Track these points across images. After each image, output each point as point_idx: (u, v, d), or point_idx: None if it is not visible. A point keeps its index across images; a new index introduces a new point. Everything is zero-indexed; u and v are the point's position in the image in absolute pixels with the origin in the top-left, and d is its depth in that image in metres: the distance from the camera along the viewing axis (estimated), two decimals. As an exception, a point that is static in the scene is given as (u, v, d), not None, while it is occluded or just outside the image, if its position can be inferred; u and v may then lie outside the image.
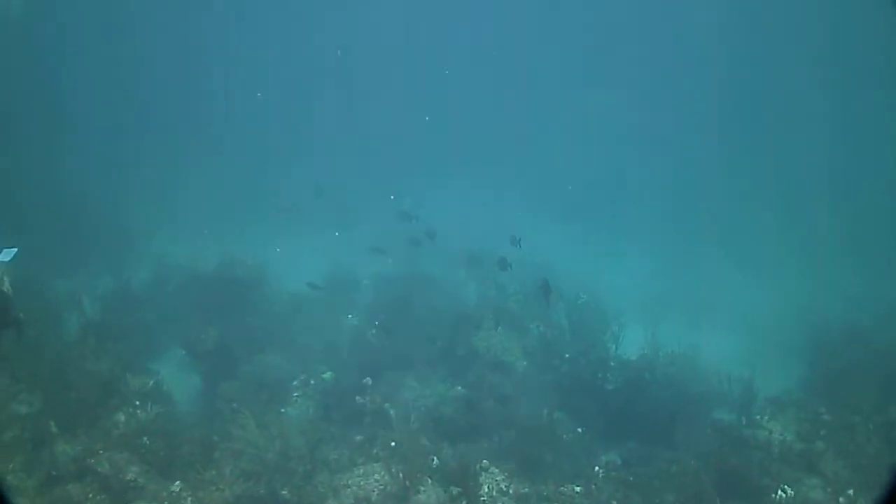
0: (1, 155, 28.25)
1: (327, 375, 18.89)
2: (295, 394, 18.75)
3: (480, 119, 54.02)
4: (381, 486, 13.71)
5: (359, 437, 16.28)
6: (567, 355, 21.06)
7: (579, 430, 17.70)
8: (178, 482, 13.82)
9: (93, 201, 30.99)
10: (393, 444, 14.91)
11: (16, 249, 12.19)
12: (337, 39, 59.23)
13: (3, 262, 11.69)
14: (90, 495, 13.21)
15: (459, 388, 18.85)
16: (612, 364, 19.34)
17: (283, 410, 17.92)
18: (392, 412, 17.20)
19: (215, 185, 37.86)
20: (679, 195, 38.98)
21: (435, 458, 14.89)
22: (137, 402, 15.52)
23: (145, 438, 14.72)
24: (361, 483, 13.85)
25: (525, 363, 21.40)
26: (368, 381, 17.97)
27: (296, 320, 23.72)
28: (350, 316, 24.61)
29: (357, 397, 17.39)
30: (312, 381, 18.95)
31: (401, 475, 13.55)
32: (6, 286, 11.40)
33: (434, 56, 58.96)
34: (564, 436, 17.28)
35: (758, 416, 17.46)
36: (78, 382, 16.10)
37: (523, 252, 21.58)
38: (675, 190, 39.67)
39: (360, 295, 26.90)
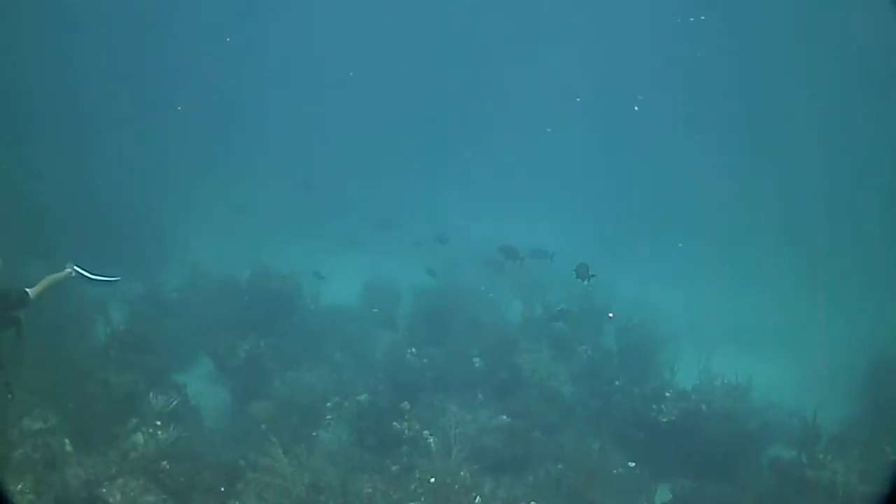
0: (30, 159, 27.59)
1: (362, 397, 17.76)
2: (328, 416, 17.65)
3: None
4: (419, 530, 12.51)
5: (395, 468, 15.13)
6: (617, 382, 19.91)
7: (631, 464, 16.44)
8: (196, 516, 12.73)
9: (128, 205, 30.35)
10: (432, 479, 13.67)
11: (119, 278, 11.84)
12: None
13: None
14: (100, 527, 12.15)
15: (504, 416, 17.61)
16: (668, 395, 18.02)
17: (314, 434, 16.85)
18: (431, 440, 16.00)
19: (254, 194, 37.06)
20: (732, 218, 37.58)
21: (477, 496, 13.68)
22: (158, 423, 14.38)
23: (164, 462, 13.63)
24: (397, 525, 12.66)
25: (572, 389, 20.24)
26: (406, 405, 16.83)
27: (331, 335, 22.69)
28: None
29: (394, 423, 16.22)
30: (346, 403, 17.81)
31: (440, 517, 12.33)
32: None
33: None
34: (615, 470, 16.03)
35: (820, 455, 16.02)
36: (97, 396, 15.18)
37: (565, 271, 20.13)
38: (728, 212, 38.29)
39: (399, 310, 25.82)
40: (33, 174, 25.74)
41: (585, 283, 18.57)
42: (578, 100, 49.03)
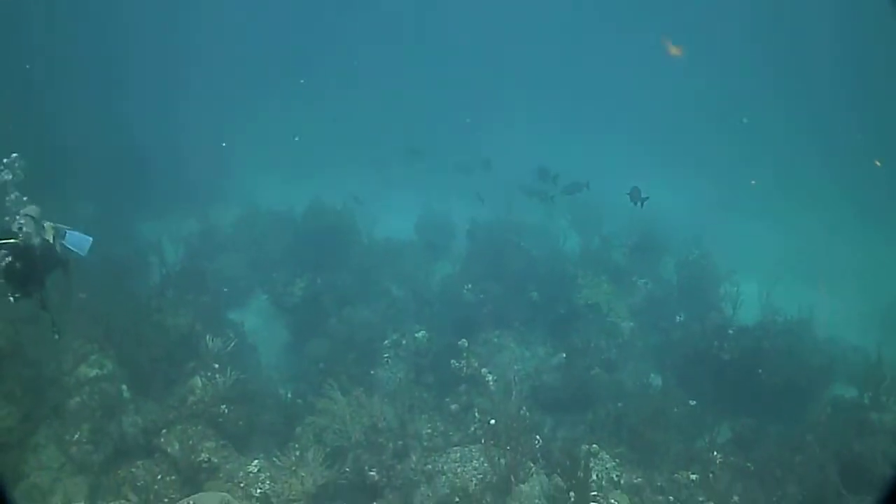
0: (83, 97, 27.50)
1: (420, 335, 17.44)
2: (385, 354, 17.42)
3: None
4: (480, 475, 12.31)
5: (454, 406, 15.02)
6: (678, 318, 19.52)
7: (692, 402, 16.06)
8: (255, 461, 12.61)
9: (183, 141, 30.25)
10: (492, 421, 13.46)
11: (91, 239, 11.47)
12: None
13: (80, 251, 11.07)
14: (159, 476, 12.09)
15: (563, 354, 17.31)
16: (730, 332, 17.58)
17: (372, 372, 16.70)
18: (489, 378, 15.81)
19: (307, 128, 36.82)
20: (795, 147, 36.51)
21: (538, 438, 13.48)
22: (216, 366, 14.27)
23: (223, 406, 13.58)
24: (458, 470, 12.44)
25: (631, 324, 19.85)
26: (464, 342, 16.58)
27: (386, 269, 22.46)
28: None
29: (452, 361, 16.01)
30: (404, 341, 17.56)
31: (502, 462, 12.10)
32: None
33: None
34: (675, 409, 15.69)
35: (883, 397, 15.52)
36: (154, 340, 15.04)
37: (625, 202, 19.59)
38: (792, 141, 37.20)
39: (455, 243, 25.54)
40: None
41: (639, 205, 18.28)
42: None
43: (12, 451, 12.01)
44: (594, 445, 13.34)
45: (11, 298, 9.45)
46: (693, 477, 13.31)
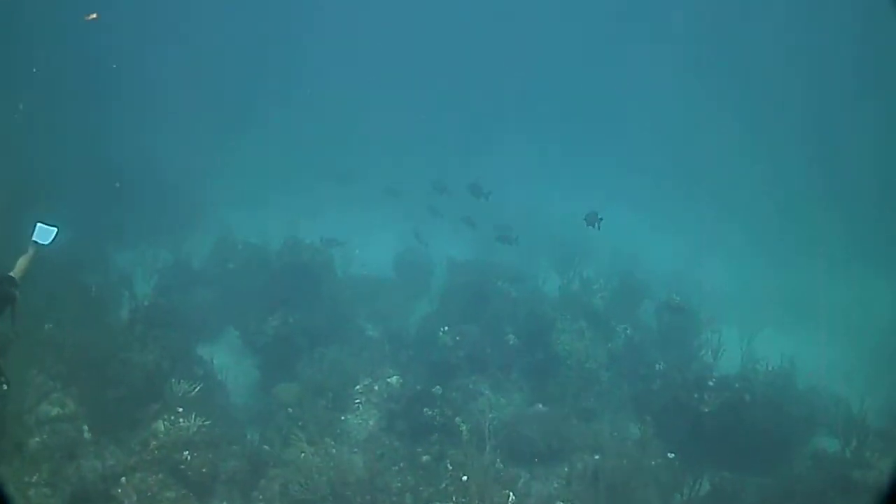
0: (60, 124, 27.04)
1: (393, 380, 17.11)
2: (357, 400, 17.01)
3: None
4: (451, 538, 11.89)
5: (425, 457, 14.57)
6: (658, 366, 19.15)
7: (670, 455, 15.68)
8: (217, 514, 12.17)
9: (159, 171, 29.79)
10: (465, 477, 13.05)
11: (56, 229, 10.95)
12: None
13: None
14: (116, 530, 11.62)
15: (540, 405, 16.94)
16: (711, 384, 17.22)
17: (343, 418, 16.28)
18: (463, 428, 15.36)
19: (284, 159, 36.51)
20: (776, 188, 36.45)
21: (511, 494, 13.07)
22: (180, 409, 13.80)
23: (186, 453, 13.08)
24: (428, 531, 12.05)
25: (610, 372, 19.46)
26: (438, 389, 16.23)
27: (361, 308, 22.09)
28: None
29: (425, 409, 15.60)
30: (376, 387, 17.17)
31: (474, 525, 11.68)
32: None
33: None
34: (653, 462, 15.32)
35: (866, 453, 15.18)
36: (119, 379, 14.59)
37: (608, 241, 19.45)
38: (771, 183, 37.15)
39: (433, 281, 25.13)
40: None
41: (595, 227, 18.42)
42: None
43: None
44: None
45: None
46: (672, 540, 12.96)
